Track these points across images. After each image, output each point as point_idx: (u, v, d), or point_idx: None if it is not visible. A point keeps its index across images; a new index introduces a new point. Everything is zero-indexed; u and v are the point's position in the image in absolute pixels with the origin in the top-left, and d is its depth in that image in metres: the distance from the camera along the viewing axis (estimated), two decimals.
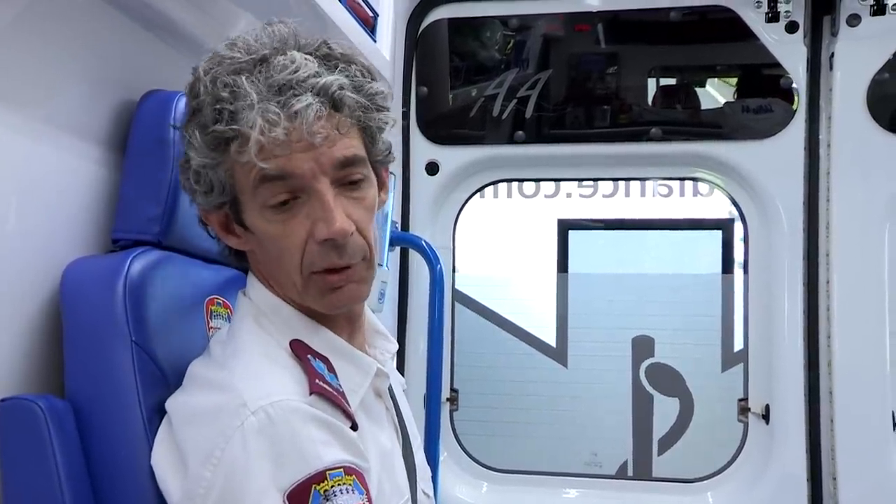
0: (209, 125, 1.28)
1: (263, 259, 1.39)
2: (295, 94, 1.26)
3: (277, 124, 1.24)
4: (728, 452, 3.03)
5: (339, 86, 1.29)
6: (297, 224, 1.30)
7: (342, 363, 1.38)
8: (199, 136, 1.29)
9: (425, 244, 2.83)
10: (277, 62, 1.28)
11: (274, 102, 1.25)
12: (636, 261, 3.77)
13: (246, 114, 1.24)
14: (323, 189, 1.29)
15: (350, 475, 1.22)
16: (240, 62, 1.29)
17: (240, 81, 1.26)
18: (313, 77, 1.27)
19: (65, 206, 1.55)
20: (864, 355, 2.77)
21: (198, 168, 1.32)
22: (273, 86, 1.26)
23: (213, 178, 1.32)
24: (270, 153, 1.25)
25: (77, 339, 1.43)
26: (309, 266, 1.32)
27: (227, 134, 1.26)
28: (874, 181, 2.79)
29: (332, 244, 1.30)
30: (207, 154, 1.30)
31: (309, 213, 1.30)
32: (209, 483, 1.21)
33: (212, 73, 1.30)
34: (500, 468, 3.21)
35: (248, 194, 1.31)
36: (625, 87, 3.18)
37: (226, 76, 1.28)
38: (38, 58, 1.47)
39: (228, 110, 1.26)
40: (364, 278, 1.37)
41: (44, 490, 1.34)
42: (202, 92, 1.30)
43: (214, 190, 1.33)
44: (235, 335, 1.38)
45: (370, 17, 2.51)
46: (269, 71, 1.27)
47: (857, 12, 2.77)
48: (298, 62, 1.28)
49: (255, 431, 1.20)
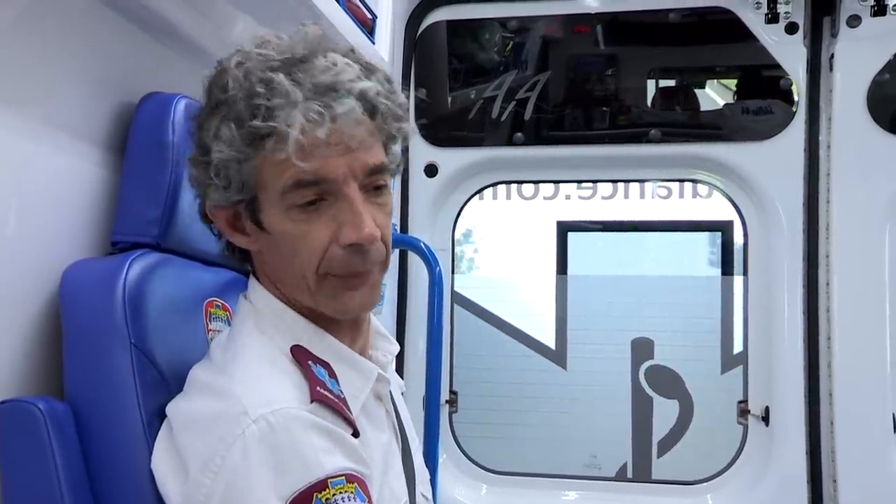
0: (245, 119, 1.27)
1: (271, 260, 1.38)
2: (338, 96, 1.26)
3: (320, 125, 1.24)
4: (728, 454, 3.03)
5: (376, 91, 1.30)
6: (322, 226, 1.30)
7: (344, 368, 1.37)
8: (233, 129, 1.28)
9: (424, 246, 2.83)
10: (319, 63, 1.28)
11: (317, 102, 1.25)
12: (635, 263, 3.77)
13: (287, 111, 1.24)
14: (353, 194, 1.29)
15: (352, 483, 1.21)
16: (273, 60, 1.28)
17: (277, 79, 1.25)
18: (354, 81, 1.28)
19: (64, 208, 1.55)
20: (865, 357, 2.77)
21: (221, 162, 1.30)
22: (317, 86, 1.26)
23: (235, 174, 1.30)
24: (309, 153, 1.25)
25: (76, 341, 1.43)
26: (328, 269, 1.32)
27: (263, 130, 1.26)
28: (874, 182, 2.79)
29: (357, 249, 1.30)
30: (239, 148, 1.28)
31: (335, 216, 1.30)
32: (209, 490, 1.20)
33: (244, 67, 1.28)
34: (499, 470, 3.21)
35: (273, 194, 1.30)
36: (624, 88, 3.18)
37: (260, 72, 1.27)
38: (38, 60, 1.46)
39: (265, 106, 1.25)
40: (377, 283, 1.38)
41: (43, 492, 1.33)
42: (232, 86, 1.28)
43: (233, 186, 1.31)
44: (236, 340, 1.37)
45: (369, 18, 2.50)
46: (311, 71, 1.27)
47: (858, 13, 2.77)
48: (341, 65, 1.29)
49: (256, 440, 1.19)
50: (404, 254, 3.11)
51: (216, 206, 1.37)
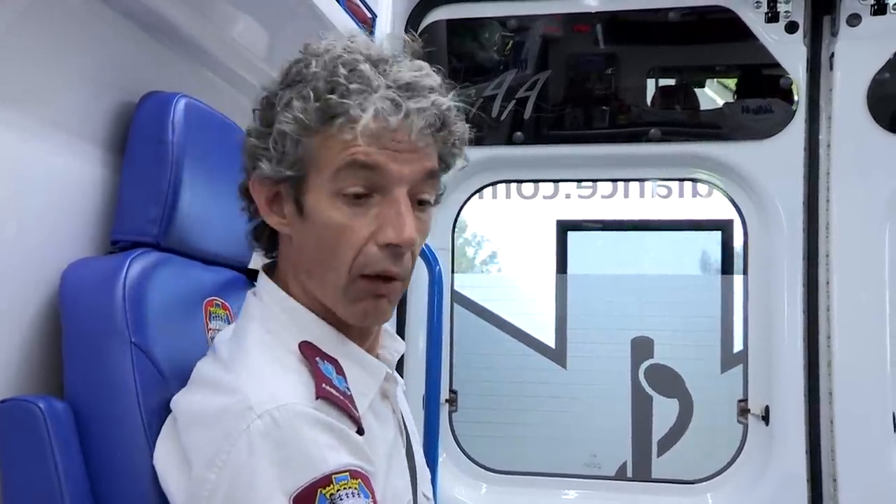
0: (322, 93, 1.27)
1: (302, 249, 1.37)
2: (417, 94, 1.28)
3: (393, 115, 1.25)
4: (727, 453, 3.02)
5: (449, 107, 1.32)
6: (364, 222, 1.30)
7: (352, 366, 1.37)
8: (307, 101, 1.28)
9: (424, 245, 2.82)
10: (405, 62, 1.31)
11: (396, 93, 1.26)
12: (635, 262, 3.78)
13: (364, 96, 1.25)
14: (401, 196, 1.30)
15: (356, 479, 1.21)
16: (359, 54, 1.30)
17: (362, 67, 1.27)
18: (435, 90, 1.30)
19: (64, 207, 1.54)
20: (865, 356, 2.77)
21: (282, 134, 1.30)
22: (399, 80, 1.28)
23: (292, 148, 1.30)
24: (374, 139, 1.26)
25: (76, 340, 1.43)
26: (360, 267, 1.32)
27: (336, 108, 1.26)
28: (874, 181, 2.78)
29: (394, 250, 1.31)
30: (310, 119, 1.28)
31: (379, 214, 1.30)
32: (213, 486, 1.20)
33: (330, 53, 1.30)
34: (499, 469, 3.20)
35: (325, 175, 1.30)
36: (624, 87, 3.17)
37: (346, 59, 1.29)
38: (38, 59, 1.46)
39: (344, 86, 1.26)
40: (396, 301, 1.41)
41: (43, 491, 1.33)
42: (315, 65, 1.30)
43: (286, 160, 1.31)
44: (243, 336, 1.37)
45: (369, 18, 2.50)
46: (398, 67, 1.30)
47: (858, 12, 2.77)
48: (427, 70, 1.31)
49: (261, 435, 1.19)
50: None
51: (262, 179, 1.36)
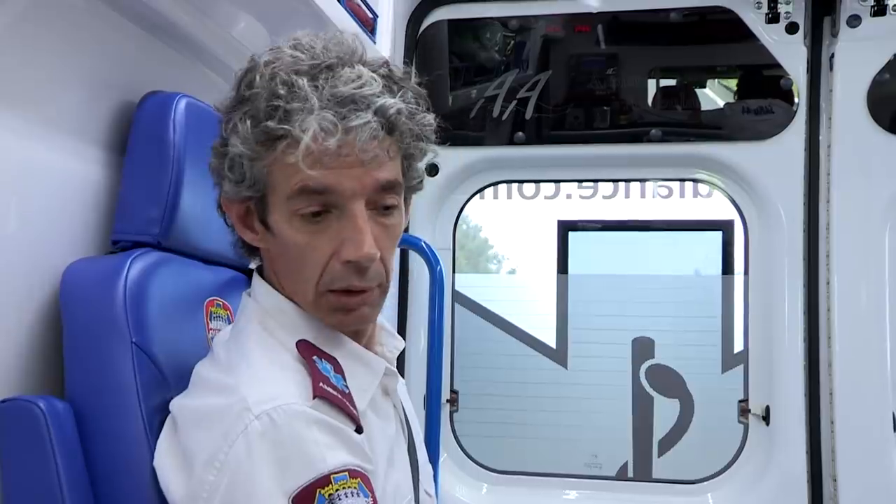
0: (261, 119, 1.27)
1: (278, 260, 1.38)
2: (356, 108, 1.26)
3: (333, 134, 1.24)
4: (728, 454, 3.02)
5: (397, 110, 1.29)
6: (325, 239, 1.30)
7: (350, 363, 1.38)
8: (248, 126, 1.28)
9: (425, 245, 2.83)
10: (344, 73, 1.28)
11: (333, 112, 1.24)
12: (636, 262, 3.77)
13: (302, 116, 1.24)
14: (357, 210, 1.29)
15: (355, 478, 1.21)
16: (302, 63, 1.28)
17: (300, 83, 1.26)
18: (376, 96, 1.28)
19: (65, 207, 1.55)
20: (865, 356, 2.77)
21: (235, 157, 1.31)
22: (336, 96, 1.25)
23: (248, 171, 1.31)
24: (318, 161, 1.25)
25: (77, 340, 1.43)
26: (327, 284, 1.32)
27: (277, 132, 1.26)
28: (874, 182, 2.78)
29: (355, 266, 1.30)
30: (252, 146, 1.29)
31: (339, 230, 1.29)
32: (212, 486, 1.20)
33: (271, 66, 1.29)
34: (500, 469, 3.20)
35: (281, 197, 1.30)
36: (625, 88, 3.17)
37: (285, 74, 1.27)
38: (38, 60, 1.47)
39: (284, 108, 1.25)
40: (377, 303, 1.38)
41: (43, 491, 1.34)
42: (258, 83, 1.29)
43: (245, 182, 1.32)
44: (240, 337, 1.38)
45: (370, 18, 2.51)
46: (334, 80, 1.27)
47: (858, 13, 2.77)
48: (365, 78, 1.28)
49: (259, 435, 1.20)
50: (405, 253, 3.11)
51: (228, 199, 1.38)
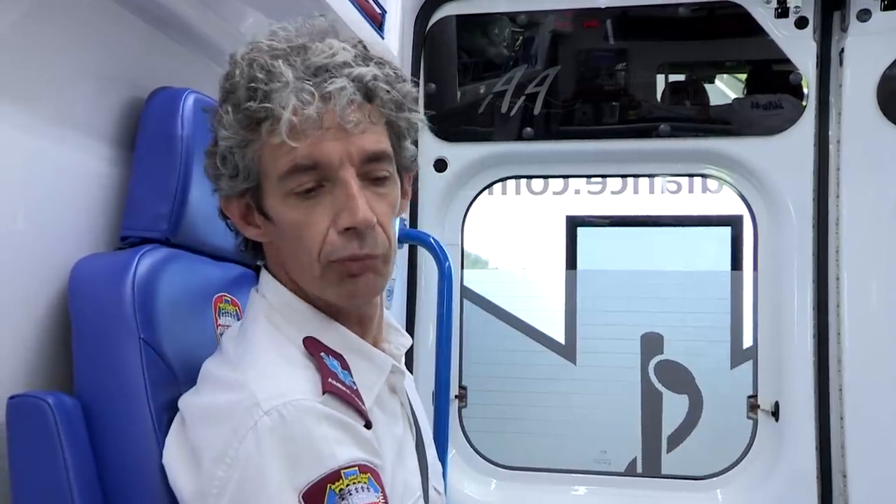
0: (242, 103, 1.29)
1: (282, 250, 1.38)
2: (330, 76, 1.27)
3: (310, 104, 1.25)
4: (737, 450, 3.02)
5: (373, 76, 1.30)
6: (321, 212, 1.30)
7: (357, 360, 1.38)
8: (231, 115, 1.30)
9: (434, 241, 2.83)
10: (315, 47, 1.30)
11: (309, 83, 1.26)
12: (645, 257, 3.76)
13: (280, 93, 1.25)
14: (348, 178, 1.29)
15: (365, 473, 1.22)
16: (277, 48, 1.30)
17: (276, 64, 1.27)
18: (348, 65, 1.29)
19: (73, 203, 1.55)
20: (874, 352, 2.76)
21: (226, 150, 1.32)
22: (309, 67, 1.27)
23: (239, 161, 1.32)
24: (301, 133, 1.26)
25: (86, 336, 1.44)
26: (328, 255, 1.31)
27: (259, 113, 1.27)
28: (884, 177, 2.77)
29: (353, 233, 1.30)
30: (238, 133, 1.30)
31: (333, 201, 1.30)
32: (222, 483, 1.21)
33: (248, 57, 1.30)
34: (509, 465, 3.20)
35: (274, 180, 1.31)
36: (633, 83, 3.17)
37: (262, 60, 1.29)
38: (47, 56, 1.47)
39: (262, 90, 1.27)
40: (381, 272, 1.37)
41: (53, 486, 1.34)
42: (237, 74, 1.30)
43: (240, 174, 1.33)
44: (248, 333, 1.38)
45: (378, 13, 2.50)
46: (306, 55, 1.29)
47: (868, 7, 2.75)
48: (336, 48, 1.30)
49: (269, 431, 1.20)
50: (414, 249, 3.11)
51: (227, 197, 1.38)
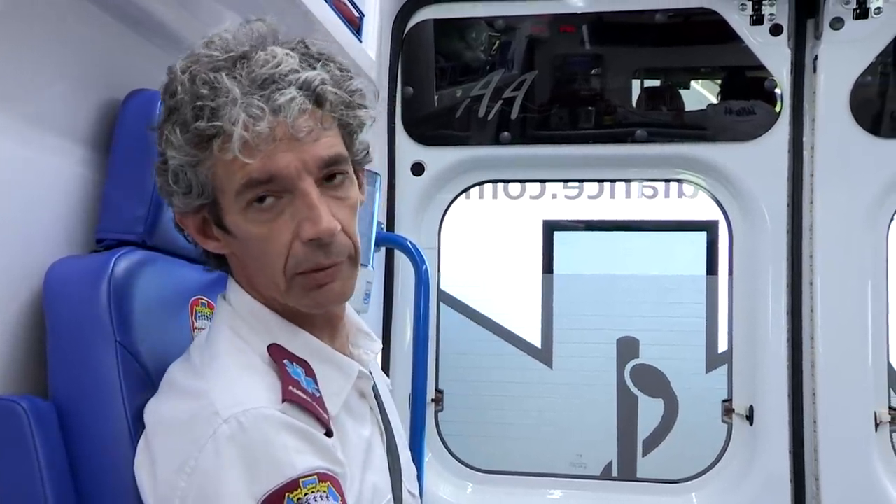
0: (190, 122, 1.26)
1: (244, 262, 1.37)
2: (278, 87, 1.24)
3: (261, 119, 1.22)
4: (712, 453, 3.04)
5: (321, 80, 1.28)
6: (282, 225, 1.29)
7: (322, 367, 1.37)
8: (178, 135, 1.27)
9: (411, 245, 2.83)
10: (259, 57, 1.26)
11: (257, 97, 1.23)
12: (621, 262, 3.78)
13: (228, 109, 1.23)
14: (308, 188, 1.27)
15: (324, 482, 1.21)
16: (218, 60, 1.27)
17: (220, 78, 1.24)
18: (295, 72, 1.26)
19: (48, 205, 1.54)
20: (847, 356, 2.79)
21: (177, 168, 1.29)
22: (255, 80, 1.24)
23: (192, 178, 1.29)
24: (255, 148, 1.24)
25: (61, 339, 1.43)
26: (294, 267, 1.30)
27: (209, 131, 1.25)
28: (857, 183, 2.80)
29: (317, 243, 1.28)
30: (188, 152, 1.27)
31: (294, 213, 1.28)
32: (183, 492, 1.20)
33: (189, 71, 1.27)
34: (484, 469, 3.21)
35: (230, 195, 1.29)
36: (610, 88, 3.19)
37: (204, 74, 1.26)
38: (21, 57, 1.46)
39: (210, 107, 1.24)
40: (349, 276, 1.35)
41: (26, 491, 1.33)
42: (179, 91, 1.28)
43: (193, 191, 1.31)
44: (212, 341, 1.37)
45: (356, 17, 2.51)
46: (250, 66, 1.26)
47: (841, 16, 2.79)
48: (280, 57, 1.27)
49: (227, 439, 1.19)
50: (391, 252, 3.11)
51: (182, 213, 1.37)
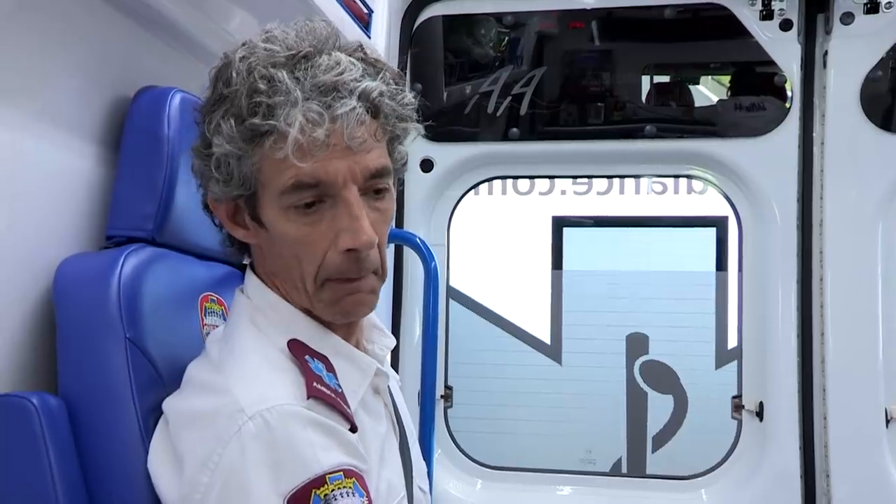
0: (245, 117, 1.26)
1: (270, 256, 1.38)
2: (339, 96, 1.25)
3: (319, 125, 1.23)
4: (722, 450, 3.03)
5: (380, 92, 1.29)
6: (322, 230, 1.29)
7: (341, 362, 1.37)
8: (232, 125, 1.27)
9: (420, 241, 2.83)
10: (322, 61, 1.27)
11: (317, 102, 1.24)
12: (631, 258, 3.77)
13: (287, 110, 1.23)
14: (352, 198, 1.28)
15: (350, 478, 1.21)
16: (278, 55, 1.27)
17: (280, 76, 1.25)
18: (357, 81, 1.27)
19: (58, 202, 1.54)
20: (857, 352, 2.78)
21: (222, 156, 1.29)
22: (318, 85, 1.25)
23: (235, 169, 1.30)
24: (308, 153, 1.24)
25: (70, 335, 1.43)
26: (325, 274, 1.31)
27: (263, 128, 1.25)
28: (867, 178, 2.79)
29: (354, 255, 1.29)
30: (238, 145, 1.28)
31: (333, 219, 1.29)
32: (206, 488, 1.20)
33: (247, 62, 1.27)
34: (494, 465, 3.20)
35: (273, 193, 1.29)
36: (619, 84, 3.18)
37: (263, 68, 1.26)
38: (32, 54, 1.46)
39: (266, 104, 1.24)
40: (375, 290, 1.37)
41: (36, 488, 1.33)
42: (235, 80, 1.27)
43: (233, 181, 1.31)
44: (232, 336, 1.37)
45: (365, 13, 2.51)
46: (313, 69, 1.26)
47: (851, 10, 2.77)
48: (344, 64, 1.27)
49: (253, 437, 1.19)
50: (400, 249, 3.11)
51: (215, 199, 1.37)
